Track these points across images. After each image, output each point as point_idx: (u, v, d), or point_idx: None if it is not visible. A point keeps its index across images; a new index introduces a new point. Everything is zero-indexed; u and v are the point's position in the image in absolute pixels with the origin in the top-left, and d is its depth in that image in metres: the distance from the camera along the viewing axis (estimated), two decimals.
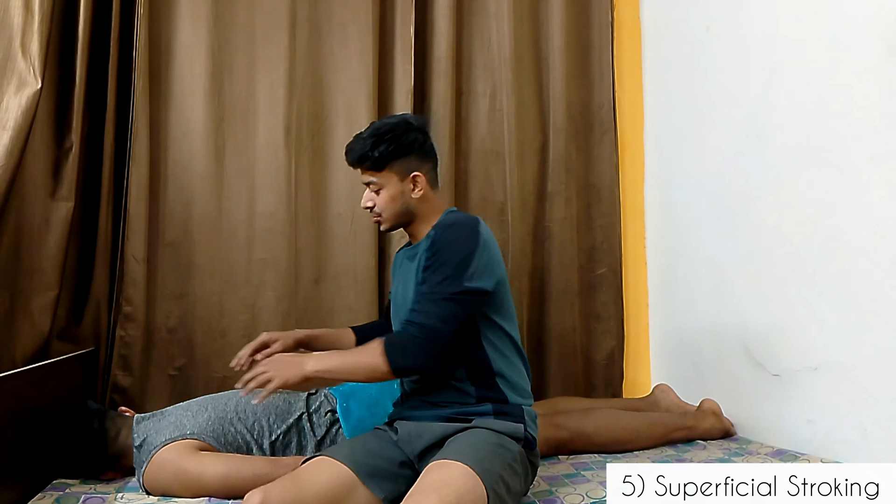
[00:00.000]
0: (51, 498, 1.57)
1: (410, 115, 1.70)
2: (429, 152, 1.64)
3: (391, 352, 1.46)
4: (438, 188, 1.68)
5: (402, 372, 1.51)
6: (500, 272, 1.56)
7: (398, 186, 1.59)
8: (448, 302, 1.47)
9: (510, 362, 1.56)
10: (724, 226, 2.22)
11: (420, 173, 1.60)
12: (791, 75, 1.96)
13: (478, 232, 1.52)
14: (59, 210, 1.96)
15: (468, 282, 1.47)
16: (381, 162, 1.57)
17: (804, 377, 1.90)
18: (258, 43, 2.34)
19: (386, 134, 1.56)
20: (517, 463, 1.42)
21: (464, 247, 1.50)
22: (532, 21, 2.62)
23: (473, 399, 1.52)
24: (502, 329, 1.55)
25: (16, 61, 1.80)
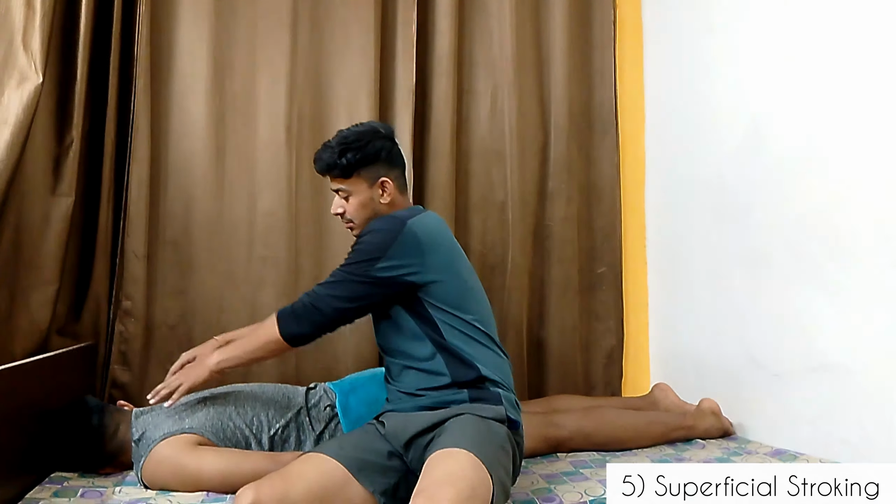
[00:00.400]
0: (49, 491, 1.57)
1: (377, 122, 1.79)
2: (395, 159, 1.71)
3: (284, 319, 1.58)
4: (407, 193, 1.76)
5: (293, 340, 1.59)
6: (437, 264, 1.58)
7: (367, 193, 1.66)
8: (351, 282, 1.56)
9: (476, 344, 1.57)
10: (724, 225, 2.22)
11: (388, 179, 1.67)
12: (793, 75, 1.96)
13: (402, 225, 1.57)
14: (59, 206, 1.96)
15: (378, 271, 1.54)
16: (349, 169, 1.64)
17: (804, 377, 1.90)
18: (259, 41, 2.34)
19: (353, 142, 1.64)
20: (507, 444, 1.44)
21: (382, 237, 1.56)
22: (533, 20, 2.62)
23: (448, 379, 1.53)
24: (459, 318, 1.57)
25: (17, 57, 1.80)
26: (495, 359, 1.60)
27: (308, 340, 1.62)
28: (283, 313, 1.60)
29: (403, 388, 1.59)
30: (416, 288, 1.56)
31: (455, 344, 1.55)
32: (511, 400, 1.55)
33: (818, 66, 1.88)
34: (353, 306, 1.58)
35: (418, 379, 1.57)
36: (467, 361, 1.54)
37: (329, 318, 1.58)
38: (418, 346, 1.57)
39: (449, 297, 1.58)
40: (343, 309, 1.57)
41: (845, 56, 1.79)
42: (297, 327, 1.58)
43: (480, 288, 1.70)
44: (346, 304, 1.57)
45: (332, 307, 1.57)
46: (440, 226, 1.69)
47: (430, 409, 1.52)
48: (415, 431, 1.48)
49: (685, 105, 2.46)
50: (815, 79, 1.88)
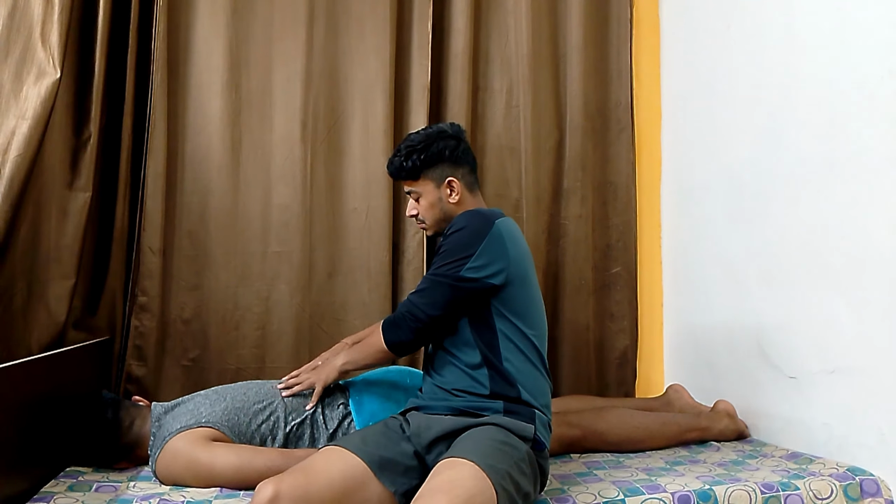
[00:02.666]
0: (64, 485, 1.59)
1: (446, 123, 1.77)
2: (461, 158, 1.70)
3: (386, 329, 1.61)
4: (478, 190, 1.76)
5: (395, 347, 1.61)
6: (517, 268, 1.57)
7: (435, 193, 1.68)
8: (443, 285, 1.55)
9: (527, 363, 1.55)
10: (740, 226, 2.20)
11: (454, 179, 1.68)
12: (810, 74, 1.94)
13: (490, 224, 1.56)
14: (76, 200, 1.97)
15: (466, 270, 1.53)
16: (415, 171, 1.67)
17: (821, 380, 1.88)
18: (276, 37, 2.35)
19: (417, 145, 1.67)
20: (525, 463, 1.41)
21: (469, 236, 1.56)
22: (550, 17, 2.60)
23: (487, 390, 1.52)
24: (520, 330, 1.56)
25: (35, 51, 1.81)
26: (539, 381, 1.58)
27: (413, 347, 1.64)
28: (386, 323, 1.62)
29: (441, 382, 1.58)
30: (494, 291, 1.54)
31: (507, 358, 1.53)
32: (545, 421, 1.54)
33: (838, 66, 1.85)
34: (444, 313, 1.55)
35: (459, 378, 1.55)
36: (511, 380, 1.52)
37: (425, 325, 1.56)
38: (468, 352, 1.56)
39: (517, 305, 1.56)
40: (435, 316, 1.55)
41: (866, 56, 1.77)
42: (397, 336, 1.59)
43: (541, 301, 1.67)
44: (437, 311, 1.55)
45: (426, 314, 1.55)
46: (517, 229, 1.67)
47: (461, 413, 1.51)
48: (439, 433, 1.48)
49: (702, 104, 2.44)
50: (835, 79, 1.86)
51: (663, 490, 1.58)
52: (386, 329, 1.61)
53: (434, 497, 1.24)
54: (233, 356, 2.23)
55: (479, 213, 1.62)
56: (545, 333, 1.65)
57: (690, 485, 1.61)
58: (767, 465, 1.80)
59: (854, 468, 1.71)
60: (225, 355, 2.24)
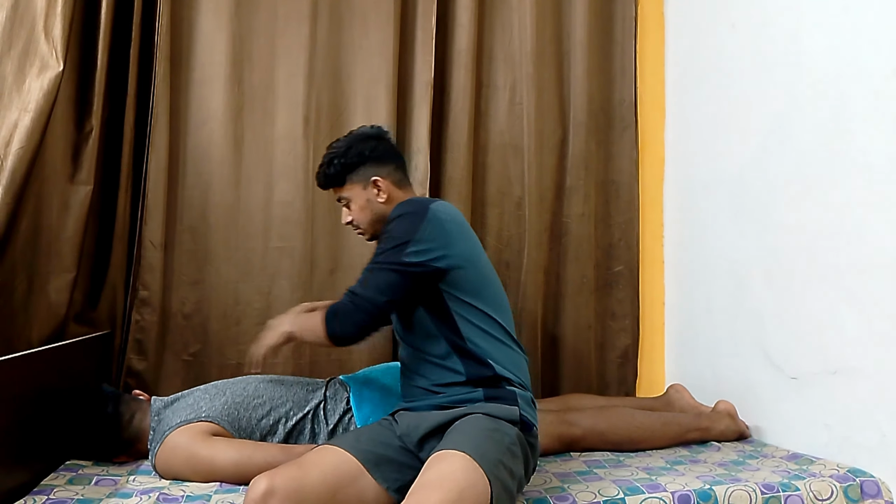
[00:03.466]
0: (63, 478, 1.59)
1: (367, 126, 1.79)
2: (384, 156, 1.72)
3: (329, 319, 1.56)
4: (409, 186, 1.77)
5: (337, 340, 1.57)
6: (462, 250, 1.58)
7: (363, 195, 1.69)
8: (385, 271, 1.54)
9: (492, 340, 1.56)
10: (743, 225, 2.19)
11: (379, 178, 1.69)
12: (815, 73, 1.93)
13: (426, 209, 1.57)
14: (78, 193, 1.97)
15: (407, 256, 1.53)
16: (339, 177, 1.70)
17: (822, 380, 1.88)
18: (279, 32, 2.34)
19: (338, 151, 1.70)
20: (515, 446, 1.42)
21: (408, 223, 1.56)
22: (554, 15, 2.59)
23: (463, 377, 1.52)
24: (478, 310, 1.56)
25: (38, 44, 1.81)
26: (512, 355, 1.58)
27: (354, 340, 1.59)
28: (329, 313, 1.57)
29: (420, 382, 1.58)
30: (440, 275, 1.54)
31: (471, 340, 1.54)
32: (527, 398, 1.54)
33: (843, 65, 1.84)
34: (389, 299, 1.53)
35: (435, 372, 1.56)
36: (482, 360, 1.53)
37: (370, 316, 1.54)
38: (433, 344, 1.56)
39: (469, 286, 1.56)
40: (380, 303, 1.53)
41: (871, 55, 1.76)
42: (339, 328, 1.55)
43: (499, 282, 1.69)
44: (381, 296, 1.53)
45: (371, 303, 1.53)
46: (459, 213, 1.68)
47: (444, 408, 1.51)
48: (427, 430, 1.48)
49: (706, 103, 2.43)
50: (840, 77, 1.85)
51: (663, 489, 1.58)
52: (329, 321, 1.55)
53: (426, 491, 1.24)
54: (233, 351, 2.23)
55: (412, 201, 1.64)
56: (507, 309, 1.65)
57: (691, 484, 1.60)
58: (768, 465, 1.79)
59: (855, 469, 1.70)
60: (225, 350, 2.23)
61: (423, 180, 2.36)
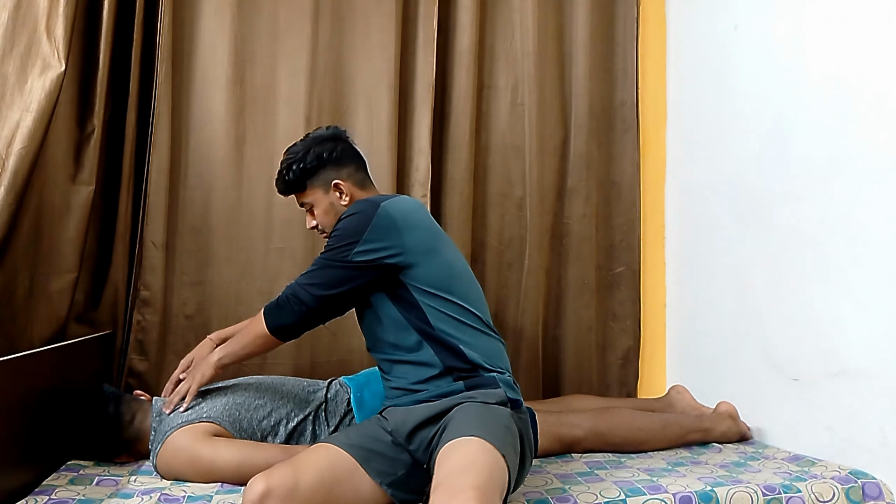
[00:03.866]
0: (65, 478, 1.59)
1: (323, 128, 1.78)
2: (343, 157, 1.71)
3: (268, 313, 1.60)
4: (371, 186, 1.76)
5: (279, 332, 1.61)
6: (417, 245, 1.56)
7: (325, 199, 1.69)
8: (331, 267, 1.56)
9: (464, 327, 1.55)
10: (745, 226, 2.19)
11: (339, 180, 1.69)
12: (818, 76, 1.93)
13: (375, 208, 1.56)
14: (79, 194, 1.97)
15: (355, 254, 1.53)
16: (300, 183, 1.69)
17: (824, 382, 1.87)
18: (281, 32, 2.34)
19: (296, 156, 1.68)
20: (511, 425, 1.44)
21: (357, 221, 1.56)
22: (556, 15, 2.59)
23: (440, 367, 1.52)
24: (445, 300, 1.55)
25: (40, 44, 1.80)
26: (487, 341, 1.58)
27: (295, 333, 1.62)
28: (268, 307, 1.62)
29: (399, 383, 1.58)
30: (397, 270, 1.54)
31: (442, 329, 1.53)
32: (507, 381, 1.54)
33: (843, 66, 1.84)
34: (334, 293, 1.56)
35: (410, 371, 1.55)
36: (455, 348, 1.52)
37: (311, 308, 1.57)
38: (403, 335, 1.56)
39: (433, 278, 1.56)
40: (323, 297, 1.56)
41: (874, 55, 1.76)
42: (280, 319, 1.59)
43: (468, 269, 1.69)
44: (325, 291, 1.55)
45: (312, 296, 1.56)
46: (417, 207, 1.67)
47: (429, 402, 1.51)
48: (416, 422, 1.48)
49: (708, 103, 2.43)
50: (842, 78, 1.85)
51: (665, 491, 1.58)
52: (268, 313, 1.60)
53: (458, 475, 1.24)
54: None
55: (366, 201, 1.62)
56: (479, 297, 1.65)
57: (692, 486, 1.60)
58: (769, 467, 1.79)
59: (856, 471, 1.70)
60: None
61: (424, 181, 2.36)
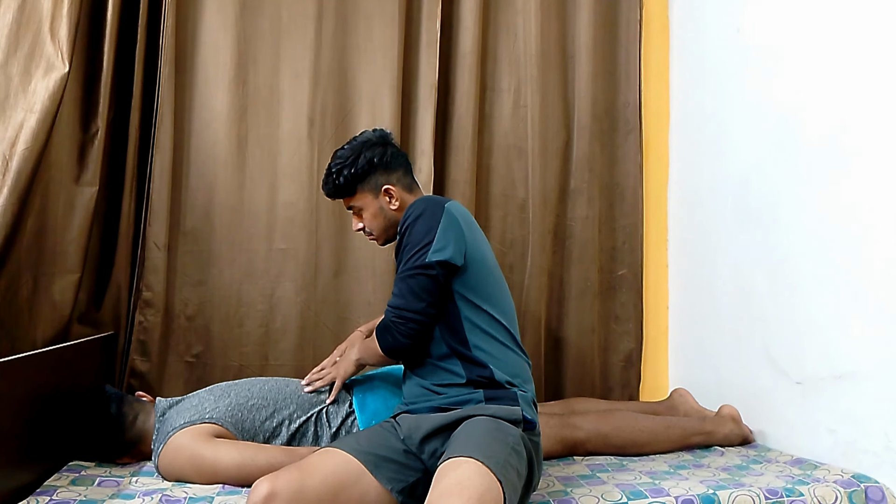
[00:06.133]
0: (66, 479, 1.59)
1: (369, 132, 1.77)
2: (392, 162, 1.71)
3: (379, 335, 1.61)
4: (417, 189, 1.77)
5: (391, 352, 1.61)
6: (475, 250, 1.58)
7: (375, 203, 1.70)
8: (415, 277, 1.54)
9: (496, 344, 1.56)
10: (748, 229, 2.19)
11: (390, 185, 1.69)
12: (821, 77, 1.93)
13: (441, 208, 1.58)
14: (83, 194, 1.98)
15: (433, 255, 1.53)
16: (350, 187, 1.69)
17: (827, 385, 1.87)
18: (283, 33, 2.34)
19: (346, 161, 1.68)
20: (519, 446, 1.42)
21: (426, 223, 1.56)
22: (559, 17, 2.59)
23: (463, 378, 1.52)
24: (485, 312, 1.56)
25: (44, 45, 1.81)
26: (514, 359, 1.58)
27: (410, 349, 1.60)
28: (378, 331, 1.62)
29: (420, 382, 1.58)
30: (454, 273, 1.55)
31: (474, 344, 1.53)
32: (528, 399, 1.54)
33: (846, 68, 1.84)
34: (427, 302, 1.54)
35: (435, 373, 1.56)
36: (482, 363, 1.52)
37: (415, 323, 1.54)
38: (434, 346, 1.57)
39: (477, 286, 1.57)
40: (420, 309, 1.54)
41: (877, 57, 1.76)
42: (392, 341, 1.58)
43: (506, 285, 1.69)
44: (419, 302, 1.54)
45: (411, 311, 1.54)
46: (469, 214, 1.69)
47: (444, 409, 1.51)
48: (428, 430, 1.48)
49: (711, 105, 2.43)
50: (844, 81, 1.85)
51: (667, 494, 1.57)
52: (379, 335, 1.62)
53: (447, 500, 1.23)
54: (236, 353, 2.23)
55: (427, 199, 1.63)
56: (512, 312, 1.65)
57: (694, 489, 1.60)
58: (772, 470, 1.78)
59: (859, 475, 1.69)
60: (228, 352, 2.24)
61: (426, 182, 2.36)
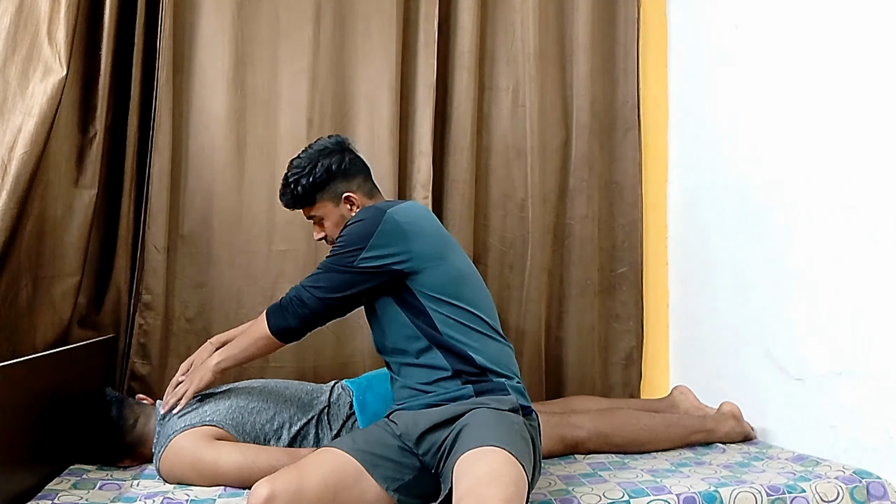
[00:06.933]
0: (68, 482, 1.59)
1: (325, 139, 1.77)
2: (351, 168, 1.72)
3: (271, 315, 1.61)
4: (378, 194, 1.77)
5: (281, 334, 1.61)
6: (425, 251, 1.57)
7: (336, 212, 1.70)
8: (336, 272, 1.56)
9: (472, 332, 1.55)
10: (747, 226, 2.19)
11: (350, 192, 1.69)
12: (820, 74, 1.93)
13: (382, 214, 1.57)
14: (82, 197, 1.97)
15: (361, 260, 1.54)
16: (309, 197, 1.69)
17: (828, 381, 1.87)
18: (281, 34, 2.34)
19: (303, 170, 1.68)
20: (525, 433, 1.43)
21: (363, 227, 1.56)
22: (557, 16, 2.59)
23: (449, 371, 1.52)
24: (453, 305, 1.55)
25: (42, 49, 1.81)
26: (496, 346, 1.58)
27: (297, 335, 1.63)
28: (271, 309, 1.63)
29: (407, 383, 1.57)
30: (404, 276, 1.55)
31: (450, 335, 1.53)
32: (517, 388, 1.54)
33: (847, 65, 1.84)
34: (338, 296, 1.57)
35: (419, 373, 1.55)
36: (464, 353, 1.52)
37: (313, 311, 1.58)
38: (411, 341, 1.56)
39: (441, 284, 1.56)
40: (326, 300, 1.57)
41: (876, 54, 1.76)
42: (283, 321, 1.60)
43: (476, 275, 1.68)
44: (329, 294, 1.57)
45: (316, 299, 1.57)
46: (423, 213, 1.67)
47: (437, 406, 1.51)
48: (425, 427, 1.48)
49: (709, 104, 2.43)
50: (845, 77, 1.85)
51: (668, 492, 1.57)
52: (271, 315, 1.61)
53: (488, 489, 1.23)
54: None
55: (372, 207, 1.62)
56: (487, 302, 1.64)
57: (696, 486, 1.60)
58: (773, 467, 1.79)
59: (861, 471, 1.70)
60: None
61: (426, 182, 2.36)
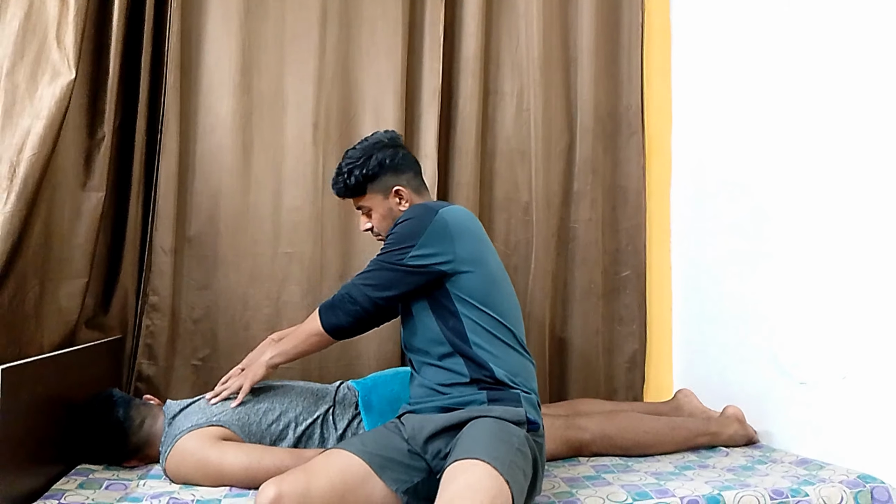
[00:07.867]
0: (74, 482, 1.60)
1: (381, 133, 1.79)
2: (402, 164, 1.74)
3: (323, 312, 1.64)
4: (426, 191, 1.79)
5: (333, 331, 1.64)
6: (473, 254, 1.59)
7: (384, 204, 1.72)
8: (387, 270, 1.59)
9: (499, 344, 1.56)
10: (751, 229, 2.19)
11: (399, 186, 1.71)
12: (824, 79, 1.93)
13: (433, 214, 1.59)
14: (89, 200, 1.98)
15: (410, 258, 1.56)
16: (360, 187, 1.71)
17: (832, 385, 1.87)
18: (288, 38, 2.36)
19: (357, 161, 1.70)
20: (524, 447, 1.43)
21: (413, 226, 1.59)
22: (561, 21, 2.61)
23: (467, 378, 1.53)
24: (485, 313, 1.56)
25: (50, 52, 1.82)
26: (517, 359, 1.59)
27: (350, 332, 1.66)
28: (324, 306, 1.66)
29: (425, 382, 1.59)
30: (445, 278, 1.56)
31: (476, 342, 1.54)
32: (532, 401, 1.54)
33: (852, 70, 1.85)
34: (387, 295, 1.59)
35: (438, 374, 1.57)
36: (484, 363, 1.53)
37: (364, 309, 1.60)
38: (436, 345, 1.57)
39: (476, 290, 1.57)
40: (376, 298, 1.59)
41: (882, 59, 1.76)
42: (335, 318, 1.63)
43: (509, 285, 1.69)
44: (379, 293, 1.59)
45: (367, 296, 1.59)
46: (470, 217, 1.69)
47: (448, 410, 1.52)
48: (432, 431, 1.49)
49: (713, 108, 2.43)
50: (847, 82, 1.85)
51: (672, 494, 1.58)
52: (324, 312, 1.64)
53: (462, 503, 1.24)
54: (242, 356, 2.19)
55: (422, 206, 1.66)
56: (517, 314, 1.66)
57: (699, 489, 1.60)
58: (777, 470, 1.79)
59: (865, 475, 1.70)
60: (234, 355, 2.23)
61: (431, 186, 2.36)
